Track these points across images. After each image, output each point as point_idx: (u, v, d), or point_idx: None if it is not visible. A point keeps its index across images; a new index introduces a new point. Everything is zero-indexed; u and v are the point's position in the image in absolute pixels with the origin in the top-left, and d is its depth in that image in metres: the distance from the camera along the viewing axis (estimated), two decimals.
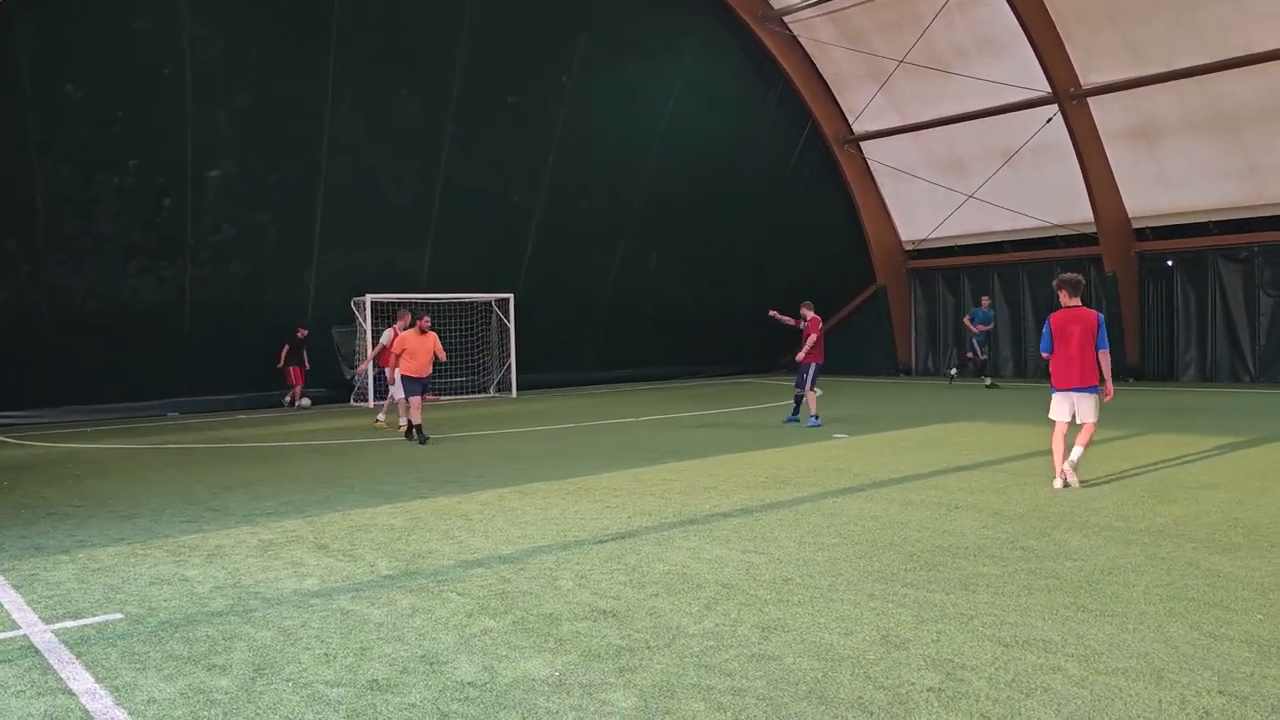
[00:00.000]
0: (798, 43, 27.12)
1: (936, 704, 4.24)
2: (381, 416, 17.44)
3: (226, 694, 4.50)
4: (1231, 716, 4.10)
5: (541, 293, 24.61)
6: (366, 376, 21.41)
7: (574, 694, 4.41)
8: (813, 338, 15.98)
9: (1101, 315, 9.80)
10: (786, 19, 26.45)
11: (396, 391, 16.03)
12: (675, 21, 24.93)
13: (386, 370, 16.39)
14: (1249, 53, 20.18)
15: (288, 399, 21.63)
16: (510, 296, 23.66)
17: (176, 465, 12.94)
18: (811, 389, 16.08)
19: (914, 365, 29.28)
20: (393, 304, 22.57)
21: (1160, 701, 4.25)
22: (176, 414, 20.48)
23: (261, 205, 20.31)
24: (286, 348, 21.26)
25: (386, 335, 16.69)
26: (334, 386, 22.60)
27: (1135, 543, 7.24)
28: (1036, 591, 6.00)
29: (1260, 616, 5.45)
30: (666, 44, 24.77)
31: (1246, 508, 8.46)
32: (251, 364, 21.20)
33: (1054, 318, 9.80)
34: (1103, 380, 9.64)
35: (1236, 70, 20.55)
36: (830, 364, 29.97)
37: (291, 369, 21.47)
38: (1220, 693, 4.36)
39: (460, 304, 23.20)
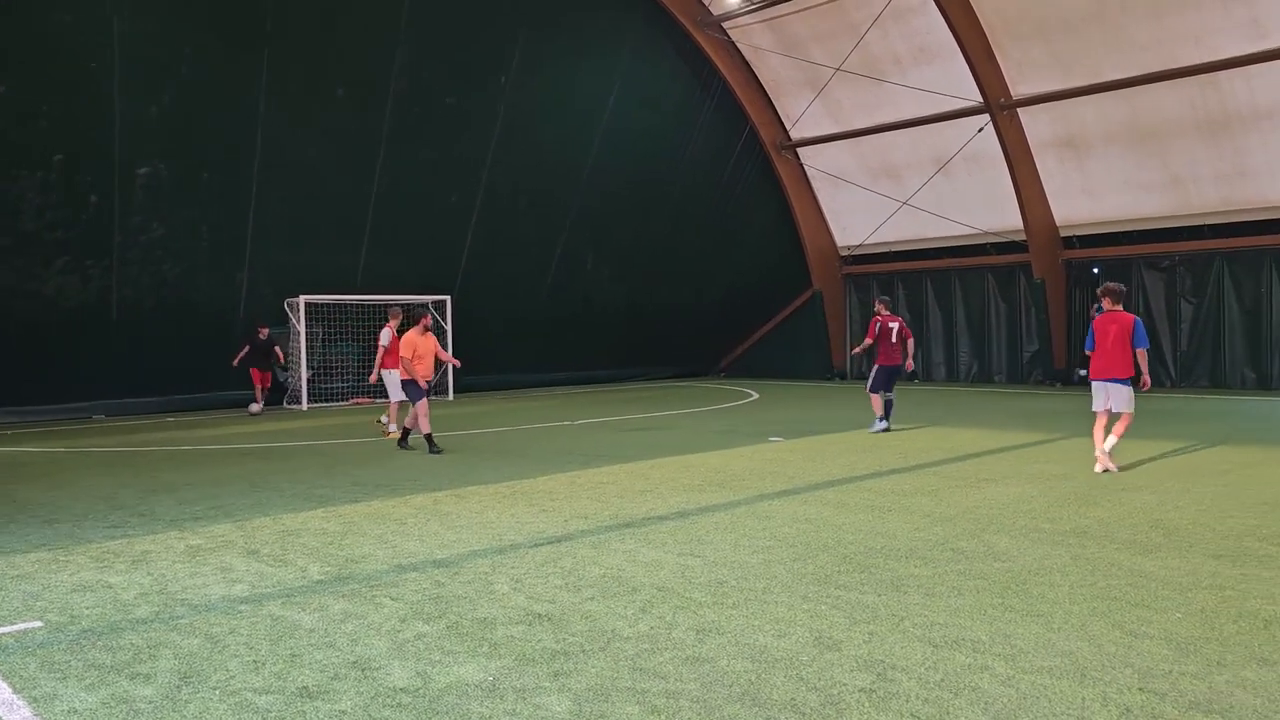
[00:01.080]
0: (736, 48, 27.30)
1: (868, 704, 4.29)
2: (387, 421, 16.31)
3: (150, 703, 4.39)
4: (1151, 713, 4.20)
5: (479, 294, 24.46)
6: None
7: (508, 699, 4.38)
8: (866, 341, 15.93)
9: (1139, 319, 10.91)
10: (725, 25, 26.60)
11: (395, 394, 15.29)
12: (614, 24, 24.93)
13: (385, 374, 15.61)
14: (1170, 67, 20.79)
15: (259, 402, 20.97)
16: (447, 298, 23.45)
17: (101, 469, 12.59)
18: (875, 391, 15.42)
19: (849, 370, 29.62)
20: (327, 305, 22.32)
21: (1084, 699, 4.35)
22: (102, 416, 19.96)
23: (192, 203, 19.83)
24: (246, 349, 20.69)
25: (385, 336, 15.71)
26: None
27: (1061, 544, 7.38)
28: (966, 592, 6.10)
29: (1179, 615, 5.59)
30: (605, 46, 24.76)
31: (1167, 509, 8.69)
32: (181, 366, 20.74)
33: (1096, 320, 11.07)
34: (1138, 373, 10.78)
35: (1158, 84, 21.17)
36: (767, 368, 30.54)
37: (252, 370, 20.83)
38: (1141, 690, 4.46)
39: (397, 305, 22.94)
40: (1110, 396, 10.89)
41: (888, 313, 15.94)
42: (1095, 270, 24.20)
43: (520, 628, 5.45)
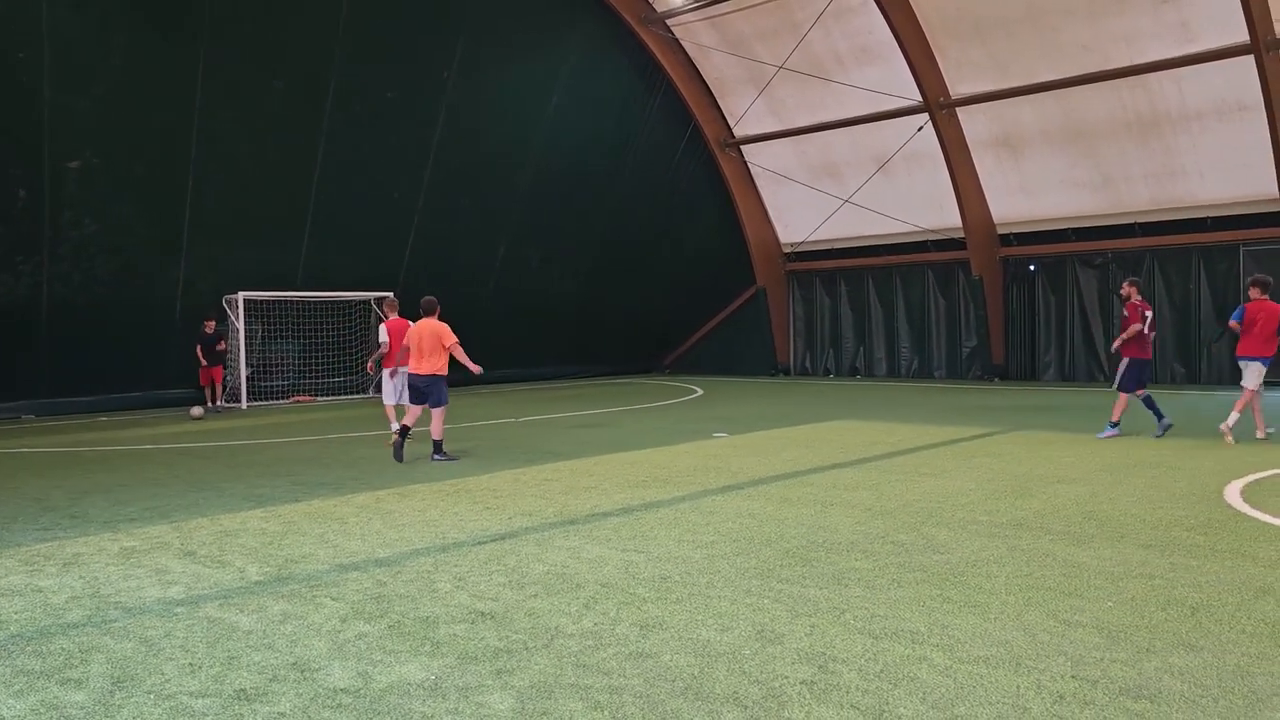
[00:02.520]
0: (680, 46, 27.37)
1: (809, 696, 4.33)
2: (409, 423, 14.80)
3: (82, 709, 4.28)
4: (1083, 699, 4.29)
5: (422, 291, 24.16)
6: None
7: (450, 697, 4.35)
8: (1134, 326, 13.33)
9: None
10: (669, 22, 26.66)
11: (390, 397, 14.05)
12: (558, 20, 24.82)
13: (385, 372, 14.07)
14: (1103, 69, 21.26)
15: (209, 405, 20.41)
16: (389, 295, 23.16)
17: (32, 470, 12.27)
18: (1127, 390, 13.47)
19: (792, 366, 29.87)
20: (267, 302, 21.95)
21: (1018, 687, 4.43)
22: (32, 416, 19.45)
23: (126, 198, 19.36)
24: (198, 347, 20.33)
25: (384, 333, 14.19)
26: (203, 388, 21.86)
27: (998, 536, 7.51)
28: (905, 584, 6.18)
29: (1110, 604, 5.71)
30: (549, 43, 24.64)
31: (1100, 501, 8.88)
32: (116, 365, 20.29)
33: (1248, 306, 12.81)
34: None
35: (1091, 85, 21.63)
36: (711, 364, 30.68)
37: (200, 371, 20.47)
38: (1073, 677, 4.56)
39: (338, 302, 22.67)
40: (1244, 372, 12.78)
41: (1141, 298, 13.67)
42: (1031, 268, 24.68)
43: (463, 626, 5.41)
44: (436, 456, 12.34)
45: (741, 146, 28.56)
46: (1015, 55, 22.38)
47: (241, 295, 21.18)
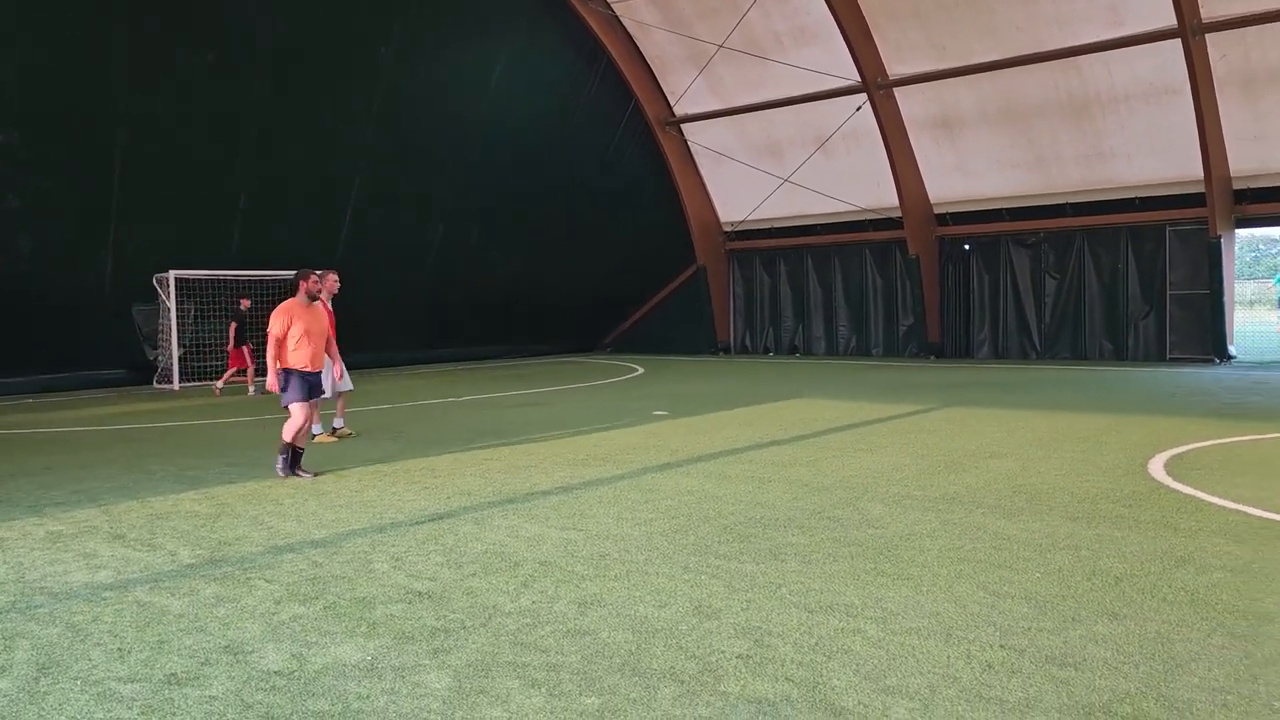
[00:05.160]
0: (620, 23, 27.23)
1: (744, 670, 4.37)
2: (340, 423, 12.70)
3: (5, 696, 4.18)
4: (1010, 667, 4.39)
5: (359, 272, 23.85)
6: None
7: (386, 678, 4.32)
8: None
9: None
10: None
11: (336, 385, 11.82)
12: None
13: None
14: (1037, 51, 21.58)
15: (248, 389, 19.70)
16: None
17: None
18: None
19: (732, 344, 30.03)
20: (200, 281, 21.46)
21: (949, 657, 4.52)
22: None
23: (50, 174, 18.76)
24: (234, 325, 19.76)
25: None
26: (135, 368, 21.33)
27: (931, 510, 7.64)
28: (840, 559, 6.26)
29: (1038, 574, 5.85)
30: (489, 20, 24.34)
31: (1029, 474, 9.06)
32: (43, 345, 19.71)
33: None
34: None
35: (1026, 67, 21.96)
36: (652, 343, 30.73)
37: (242, 349, 19.77)
38: (1001, 646, 4.66)
39: (273, 281, 22.22)
40: None
41: None
42: (966, 247, 25.04)
43: (400, 606, 5.37)
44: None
45: (682, 125, 28.53)
46: (952, 36, 22.62)
47: (173, 274, 20.68)
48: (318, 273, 10.29)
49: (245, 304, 20.23)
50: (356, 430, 13.03)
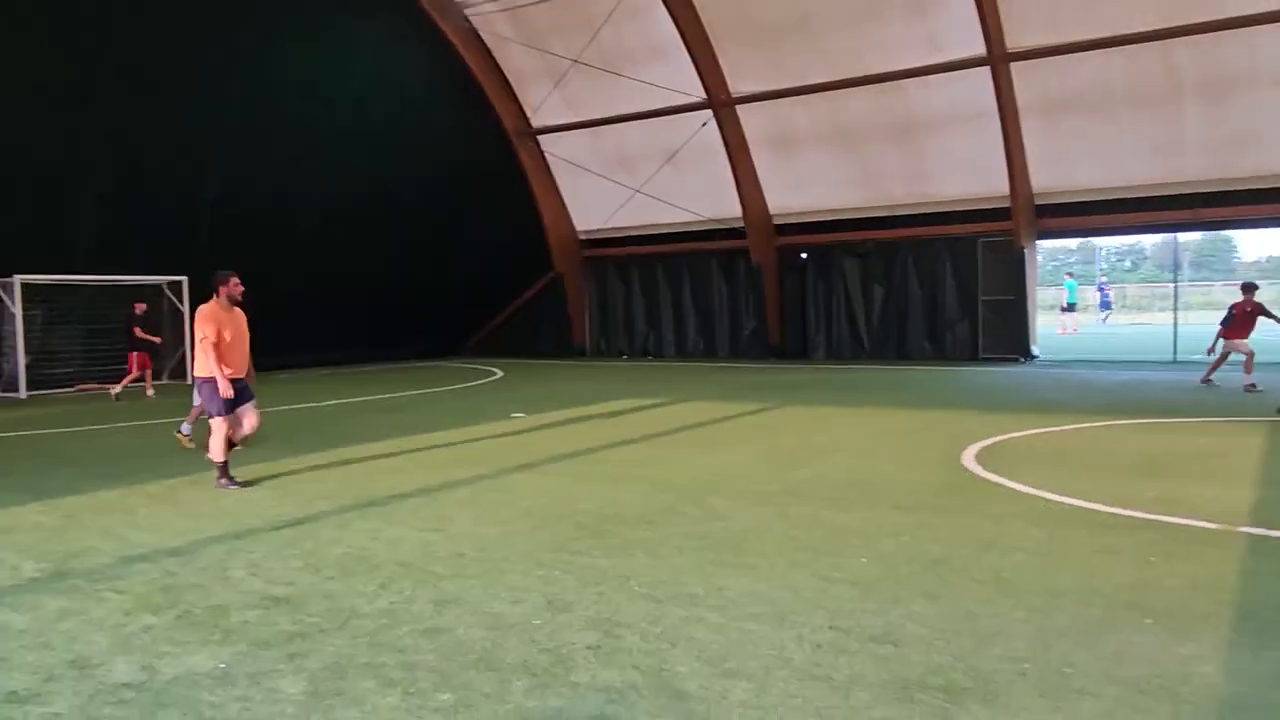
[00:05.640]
0: (479, 36, 26.94)
1: (594, 660, 4.42)
2: (186, 428, 11.84)
3: None
4: (838, 647, 4.57)
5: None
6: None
7: (240, 685, 4.18)
8: None
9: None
10: (467, 12, 26.20)
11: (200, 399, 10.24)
12: (358, 7, 23.98)
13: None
14: (864, 74, 22.38)
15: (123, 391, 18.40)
16: (184, 279, 21.71)
17: None
18: None
19: (588, 348, 30.08)
20: (48, 286, 20.13)
21: (782, 640, 4.68)
22: None
23: None
24: (136, 330, 18.37)
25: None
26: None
27: (770, 504, 7.83)
28: (687, 551, 6.38)
29: (864, 560, 6.09)
30: (349, 29, 23.74)
31: (860, 469, 9.39)
32: None
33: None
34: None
35: (855, 89, 22.74)
36: (512, 347, 30.48)
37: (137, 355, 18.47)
38: (830, 628, 4.85)
39: (125, 286, 21.03)
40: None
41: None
42: (803, 256, 25.74)
43: (256, 612, 5.20)
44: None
45: (539, 136, 28.42)
46: (789, 58, 23.24)
47: (17, 279, 19.33)
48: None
49: (140, 308, 18.96)
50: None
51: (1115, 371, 20.27)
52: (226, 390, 8.72)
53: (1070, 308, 37.29)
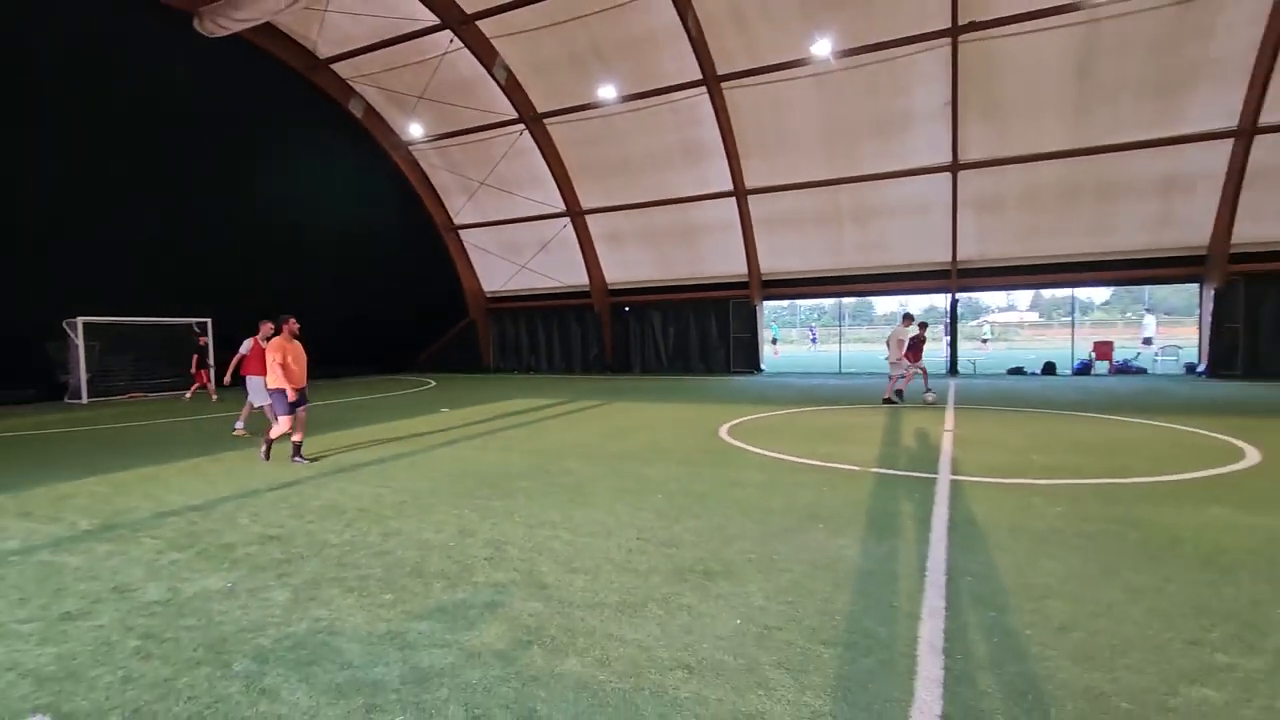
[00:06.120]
0: (418, 163, 25.96)
1: (489, 567, 4.32)
2: (240, 425, 10.91)
3: None
4: (641, 550, 4.62)
5: (247, 318, 20.93)
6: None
7: (242, 598, 3.85)
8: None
9: None
10: (411, 148, 25.20)
11: (256, 398, 10.19)
12: (335, 140, 22.75)
13: (248, 379, 10.34)
14: (663, 198, 22.92)
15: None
16: (209, 320, 19.77)
17: None
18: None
19: (493, 366, 29.33)
20: (103, 325, 17.93)
21: (608, 548, 4.69)
22: None
23: None
24: (195, 356, 17.00)
25: (246, 345, 10.55)
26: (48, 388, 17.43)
27: (605, 463, 7.84)
28: (550, 494, 6.30)
29: (660, 496, 6.18)
30: (330, 154, 22.46)
31: (660, 440, 9.42)
32: None
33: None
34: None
35: (659, 207, 23.24)
36: (442, 365, 29.33)
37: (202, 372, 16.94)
38: (637, 539, 4.90)
39: (165, 325, 18.88)
40: None
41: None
42: (626, 309, 25.96)
43: (255, 547, 4.79)
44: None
45: (459, 230, 27.57)
46: (618, 185, 23.51)
47: (80, 320, 17.12)
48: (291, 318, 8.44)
49: (204, 340, 17.31)
50: (250, 431, 11.37)
51: (808, 379, 21.35)
52: (292, 395, 8.10)
53: (774, 341, 39.73)
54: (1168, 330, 36.50)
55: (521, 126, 23.02)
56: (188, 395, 17.34)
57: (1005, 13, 16.44)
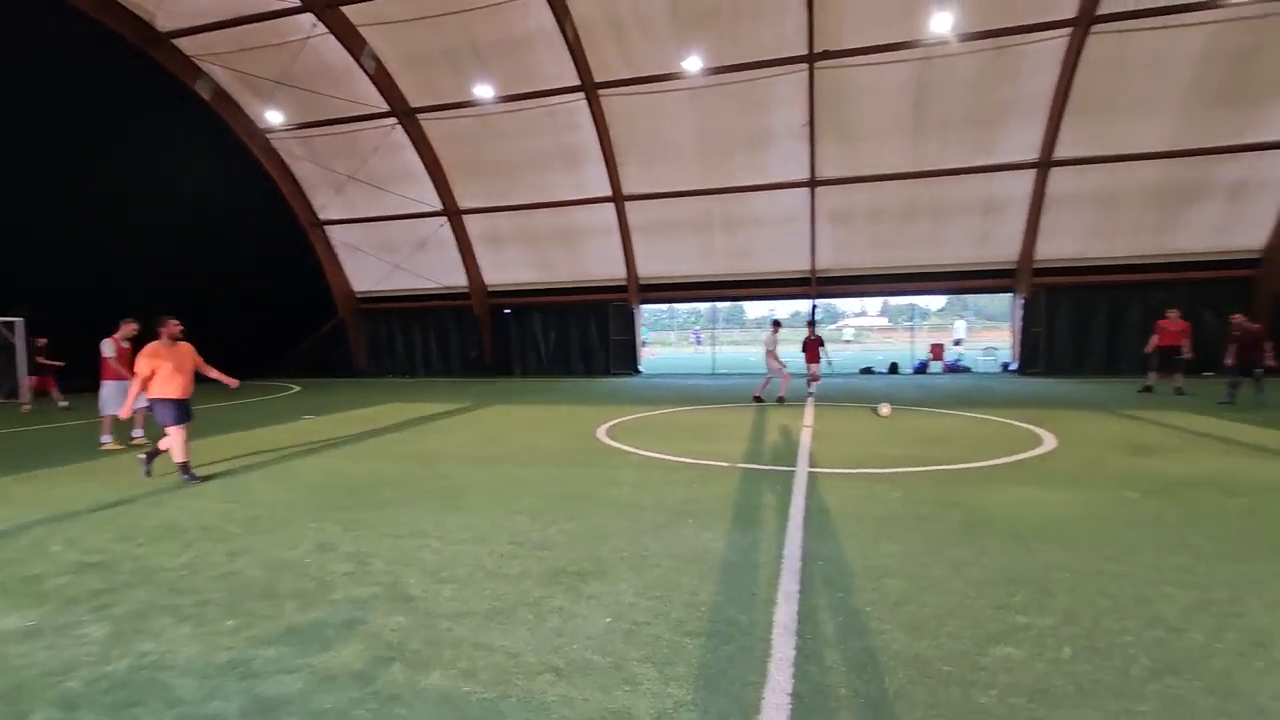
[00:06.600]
0: (277, 153, 24.00)
1: (349, 582, 4.10)
2: (108, 438, 9.51)
3: None
4: (514, 555, 4.57)
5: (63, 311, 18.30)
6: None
7: (47, 636, 3.40)
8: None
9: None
10: (269, 136, 23.25)
11: (109, 406, 9.25)
12: (178, 125, 20.50)
13: (103, 385, 9.34)
14: (543, 201, 22.72)
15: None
16: (20, 320, 17.16)
17: None
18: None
19: (366, 369, 27.71)
20: None
21: (479, 554, 4.59)
22: None
23: None
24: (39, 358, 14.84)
25: (108, 347, 9.45)
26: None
27: (480, 466, 7.67)
28: (422, 502, 6.08)
29: (536, 499, 6.13)
30: (170, 136, 20.22)
31: (539, 441, 9.38)
32: None
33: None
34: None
35: (538, 209, 23.02)
36: (308, 370, 27.31)
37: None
38: (510, 543, 4.84)
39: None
40: None
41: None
42: (506, 312, 25.49)
43: (68, 577, 4.25)
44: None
45: (325, 227, 25.79)
46: (498, 186, 23.04)
47: None
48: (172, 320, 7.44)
49: (41, 341, 15.45)
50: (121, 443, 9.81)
51: (684, 380, 21.99)
52: (130, 408, 7.19)
53: (644, 343, 40.63)
54: (990, 334, 41.28)
55: (394, 120, 21.96)
56: (25, 406, 15.19)
57: (854, 45, 17.83)
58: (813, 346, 14.21)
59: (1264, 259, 18.69)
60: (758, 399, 13.86)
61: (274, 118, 22.28)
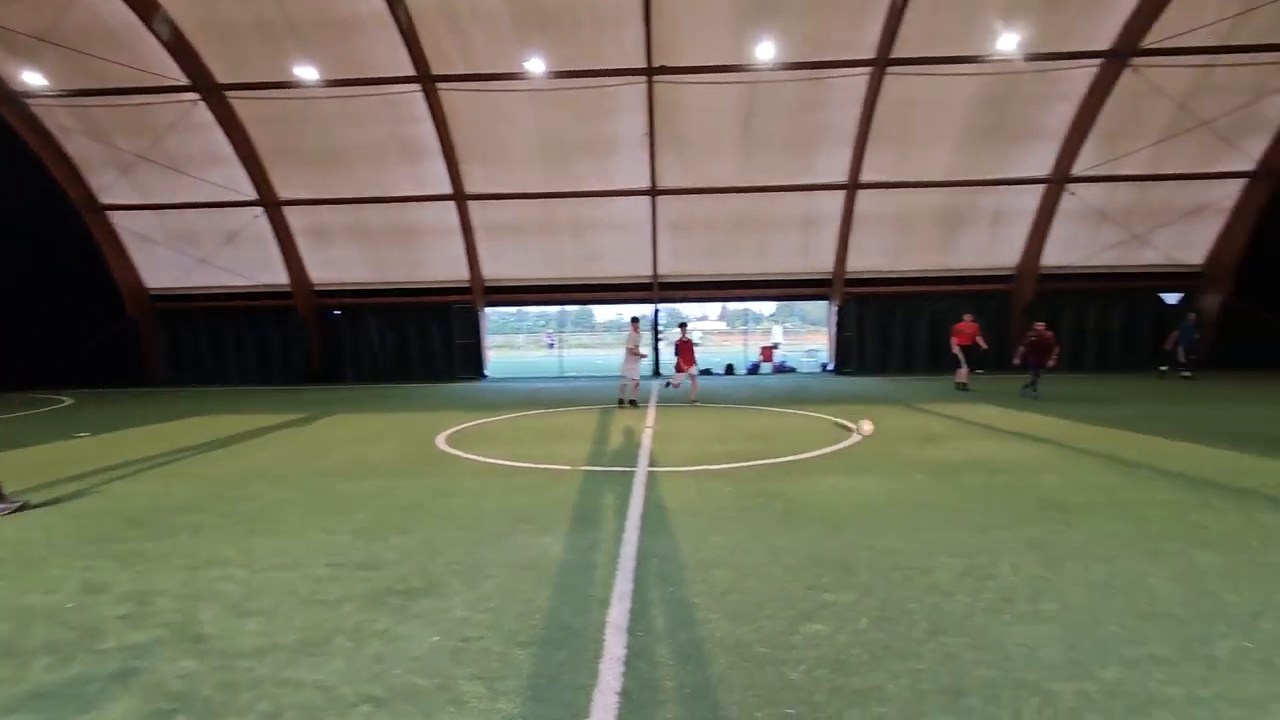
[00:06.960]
0: (41, 123, 20.23)
1: (124, 627, 3.53)
2: None
3: None
4: (333, 578, 4.20)
5: None
6: None
7: None
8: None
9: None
10: (29, 101, 19.53)
11: None
12: None
13: None
14: (378, 195, 21.33)
15: None
16: None
17: None
18: None
19: (163, 377, 24.20)
20: None
21: (293, 580, 4.19)
22: None
23: None
24: None
25: None
26: None
27: (299, 483, 7.04)
28: (225, 526, 5.43)
29: (362, 514, 5.73)
30: None
31: (367, 453, 8.76)
32: None
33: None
34: None
35: (371, 204, 21.57)
36: (87, 380, 23.32)
37: None
38: (328, 565, 4.45)
39: None
40: None
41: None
42: (336, 313, 23.62)
43: None
44: None
45: (107, 213, 22.17)
46: (324, 177, 21.26)
47: None
48: None
49: None
50: None
51: (531, 383, 21.78)
52: None
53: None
54: (814, 337, 45.40)
55: (196, 96, 19.44)
56: None
57: (688, 63, 18.70)
58: (686, 348, 13.98)
59: (1016, 275, 22.32)
60: (632, 403, 13.69)
61: (33, 80, 18.76)
